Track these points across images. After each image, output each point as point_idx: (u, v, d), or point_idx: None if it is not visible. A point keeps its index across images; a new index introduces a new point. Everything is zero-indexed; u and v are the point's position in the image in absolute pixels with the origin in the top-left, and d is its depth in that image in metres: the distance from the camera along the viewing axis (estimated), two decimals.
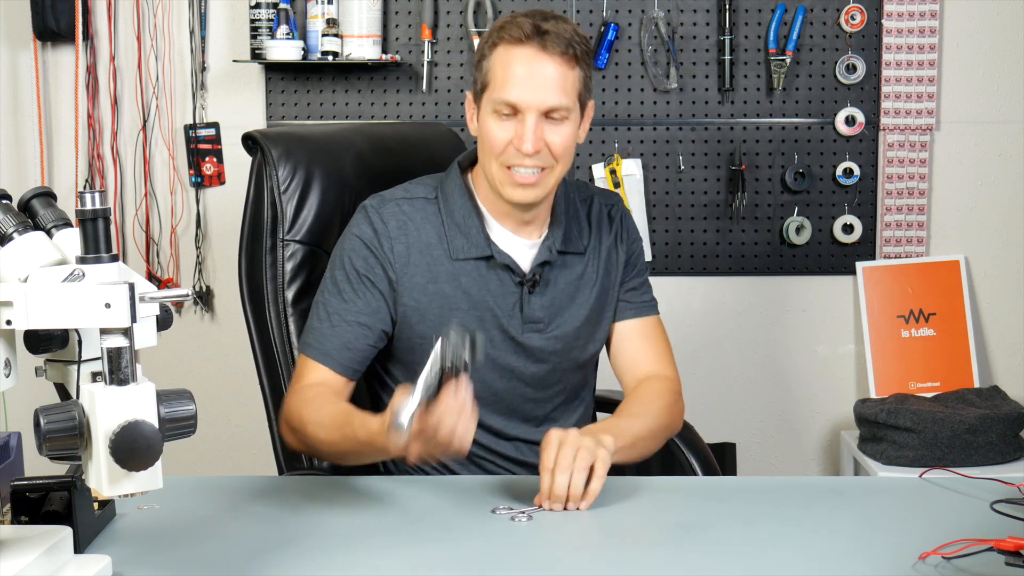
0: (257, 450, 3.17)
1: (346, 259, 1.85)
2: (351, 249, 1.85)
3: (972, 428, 2.77)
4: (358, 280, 1.84)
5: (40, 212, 1.26)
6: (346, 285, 1.84)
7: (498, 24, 1.84)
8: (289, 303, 2.00)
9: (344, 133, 2.32)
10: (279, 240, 2.02)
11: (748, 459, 3.21)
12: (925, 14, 3.06)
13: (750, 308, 3.18)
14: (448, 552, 1.37)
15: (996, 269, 3.16)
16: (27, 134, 3.18)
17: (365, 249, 1.84)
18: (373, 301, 1.84)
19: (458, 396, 1.45)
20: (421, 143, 2.33)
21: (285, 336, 2.00)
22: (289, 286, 2.00)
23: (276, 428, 1.90)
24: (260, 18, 3.02)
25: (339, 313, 1.83)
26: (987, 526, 1.38)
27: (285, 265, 2.01)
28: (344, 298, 1.83)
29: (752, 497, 1.58)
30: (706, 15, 3.07)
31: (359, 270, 1.84)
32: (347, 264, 1.84)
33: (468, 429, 1.46)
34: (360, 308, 1.83)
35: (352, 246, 1.85)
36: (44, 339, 1.23)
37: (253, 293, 2.01)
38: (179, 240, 3.17)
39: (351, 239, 1.86)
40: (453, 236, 1.86)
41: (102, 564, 1.27)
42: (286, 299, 2.00)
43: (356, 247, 1.85)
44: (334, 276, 1.86)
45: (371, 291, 1.84)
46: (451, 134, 2.38)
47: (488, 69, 1.80)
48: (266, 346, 2.00)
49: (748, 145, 3.10)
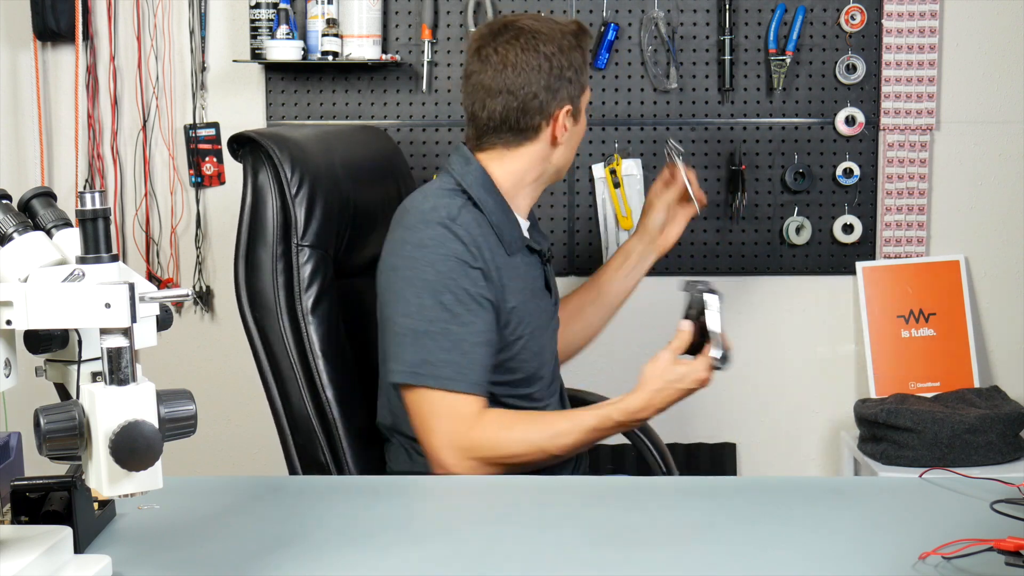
0: (257, 450, 3.17)
1: (450, 282, 1.82)
2: (451, 271, 1.83)
3: (972, 428, 2.77)
4: (470, 300, 1.83)
5: (40, 212, 1.26)
6: (459, 308, 1.82)
7: (569, 29, 1.99)
8: (308, 310, 1.98)
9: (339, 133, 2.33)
10: (293, 245, 1.99)
11: (748, 459, 3.21)
12: (925, 14, 3.05)
13: (750, 308, 3.18)
14: (448, 552, 1.37)
15: (996, 269, 3.16)
16: (27, 134, 3.18)
17: (466, 266, 1.83)
18: (488, 317, 1.85)
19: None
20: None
21: (305, 344, 1.98)
22: (305, 292, 1.99)
23: (438, 467, 1.85)
24: (260, 18, 3.01)
25: (464, 339, 1.82)
26: (987, 526, 1.38)
27: (302, 271, 1.99)
28: (462, 322, 1.82)
29: (752, 497, 1.58)
30: (706, 15, 3.07)
31: (468, 290, 1.82)
32: (453, 287, 1.82)
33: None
34: (480, 328, 1.84)
35: (451, 267, 1.83)
36: (44, 339, 1.23)
37: (258, 300, 1.99)
38: (179, 240, 3.17)
39: (446, 260, 1.83)
40: (502, 232, 1.93)
41: (102, 564, 1.27)
42: (304, 306, 1.98)
43: (455, 267, 1.83)
44: (441, 302, 1.82)
45: (484, 308, 1.85)
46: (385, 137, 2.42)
47: (583, 74, 2.00)
48: (277, 355, 1.98)
49: (748, 145, 3.09)
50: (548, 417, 1.90)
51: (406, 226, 1.91)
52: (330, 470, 1.98)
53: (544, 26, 1.98)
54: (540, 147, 1.99)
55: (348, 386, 2.04)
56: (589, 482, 1.75)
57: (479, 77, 1.98)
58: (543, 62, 1.96)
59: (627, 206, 3.08)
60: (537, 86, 1.96)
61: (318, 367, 1.99)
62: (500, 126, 1.98)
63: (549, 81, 1.96)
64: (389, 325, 1.88)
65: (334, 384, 2.00)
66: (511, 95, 1.96)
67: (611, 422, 1.90)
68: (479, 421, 1.82)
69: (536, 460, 1.88)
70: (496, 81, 1.96)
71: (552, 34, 1.98)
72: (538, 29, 1.97)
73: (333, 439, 1.99)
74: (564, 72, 1.97)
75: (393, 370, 1.86)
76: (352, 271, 2.18)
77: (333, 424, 1.99)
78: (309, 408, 1.98)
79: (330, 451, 1.99)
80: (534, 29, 1.97)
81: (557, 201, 3.11)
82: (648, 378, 1.91)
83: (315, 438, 1.98)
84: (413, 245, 1.86)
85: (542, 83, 1.96)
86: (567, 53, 1.98)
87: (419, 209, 1.91)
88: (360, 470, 2.00)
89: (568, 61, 1.97)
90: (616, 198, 3.08)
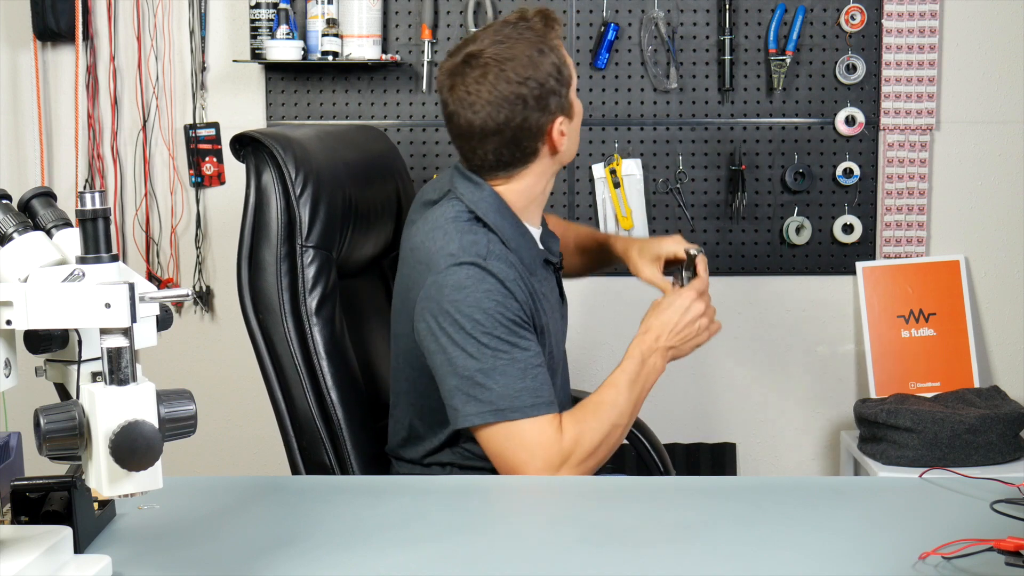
0: (257, 450, 3.17)
1: (499, 316, 1.82)
2: (497, 306, 1.82)
3: (972, 428, 2.77)
4: (520, 328, 1.84)
5: (40, 212, 1.26)
6: (515, 338, 1.82)
7: (535, 32, 1.91)
8: (313, 311, 1.98)
9: (338, 133, 2.33)
10: (298, 246, 1.99)
11: (748, 459, 3.21)
12: (925, 14, 3.05)
13: (750, 308, 3.18)
14: (448, 552, 1.37)
15: (996, 269, 3.16)
16: (27, 134, 3.18)
17: (508, 298, 1.83)
18: (535, 338, 1.87)
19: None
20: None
21: (310, 345, 1.98)
22: (310, 293, 1.98)
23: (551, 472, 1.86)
24: (260, 18, 3.01)
25: (529, 364, 1.82)
26: (987, 526, 1.38)
27: (306, 272, 1.99)
28: (521, 348, 1.83)
29: (752, 497, 1.58)
30: (706, 15, 3.07)
31: (514, 319, 1.83)
32: (503, 320, 1.82)
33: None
34: (536, 350, 1.85)
35: (495, 303, 1.82)
36: (44, 339, 1.23)
37: (262, 301, 1.99)
38: (179, 240, 3.17)
39: (489, 298, 1.82)
40: (522, 255, 1.90)
41: (102, 564, 1.27)
42: (309, 308, 1.98)
43: (500, 302, 1.82)
44: (498, 337, 1.81)
45: (530, 331, 1.86)
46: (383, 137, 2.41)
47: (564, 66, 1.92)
48: (281, 356, 1.98)
49: (748, 145, 3.10)
50: (594, 396, 1.91)
51: (437, 270, 1.84)
52: (334, 472, 1.98)
53: (507, 49, 1.87)
54: (543, 162, 1.95)
55: (353, 387, 2.04)
56: (589, 482, 1.75)
57: (460, 120, 1.89)
58: (520, 89, 1.86)
59: (627, 206, 3.08)
60: (522, 115, 1.87)
61: (323, 369, 1.98)
62: (496, 164, 1.92)
63: (534, 103, 1.87)
64: (448, 371, 1.83)
65: (338, 386, 1.99)
66: (499, 134, 1.88)
67: (636, 363, 1.92)
68: (561, 431, 1.83)
69: (616, 437, 1.89)
70: (480, 122, 1.87)
71: (518, 55, 1.87)
72: (503, 56, 1.86)
73: (337, 441, 1.99)
74: (545, 86, 1.88)
75: (471, 414, 1.81)
76: (353, 271, 2.18)
77: (338, 426, 1.98)
78: (313, 410, 1.98)
79: (335, 453, 1.99)
80: (499, 58, 1.86)
81: (557, 201, 3.11)
82: (648, 315, 1.98)
83: (319, 440, 1.98)
84: (452, 288, 1.82)
85: (527, 110, 1.87)
86: (540, 66, 1.88)
87: (446, 252, 1.85)
88: (364, 471, 2.00)
89: (545, 72, 1.88)
90: (616, 198, 3.08)
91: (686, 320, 1.95)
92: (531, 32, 1.91)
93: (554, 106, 1.90)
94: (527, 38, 1.89)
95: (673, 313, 1.95)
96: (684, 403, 3.20)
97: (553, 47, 1.91)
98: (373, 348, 2.19)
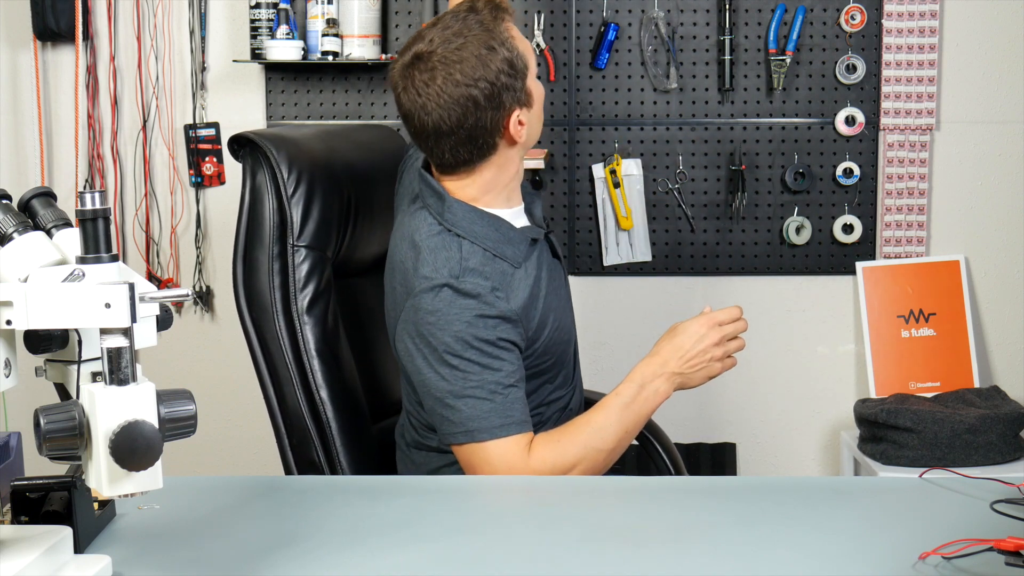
0: (257, 450, 3.17)
1: (471, 338, 1.80)
2: (469, 327, 1.80)
3: (972, 428, 2.77)
4: (493, 348, 1.81)
5: (40, 212, 1.26)
6: (486, 359, 1.81)
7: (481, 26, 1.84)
8: (304, 311, 1.99)
9: (343, 133, 2.33)
10: (289, 246, 1.99)
11: (748, 459, 3.21)
12: (925, 14, 3.06)
13: (750, 308, 3.18)
14: (448, 552, 1.37)
15: (996, 269, 3.16)
16: (27, 134, 3.18)
17: (483, 319, 1.81)
18: (513, 356, 1.84)
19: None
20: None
21: (300, 344, 1.98)
22: (301, 292, 1.99)
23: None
24: (260, 18, 3.02)
25: (499, 383, 1.81)
26: (987, 526, 1.38)
27: (297, 271, 1.99)
28: (493, 368, 1.81)
29: (752, 497, 1.58)
30: (706, 15, 3.07)
31: (489, 340, 1.81)
32: (475, 342, 1.80)
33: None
34: (509, 369, 1.82)
35: (467, 324, 1.80)
36: (44, 339, 1.23)
37: (255, 301, 1.99)
38: (179, 240, 3.17)
39: (459, 323, 1.80)
40: (504, 253, 1.88)
41: (102, 564, 1.27)
42: (300, 307, 1.99)
43: (472, 323, 1.80)
44: (468, 359, 1.80)
45: (508, 350, 1.83)
46: (396, 136, 2.40)
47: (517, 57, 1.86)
48: (274, 355, 1.99)
49: (748, 145, 3.10)
50: (582, 417, 1.89)
51: (414, 293, 1.84)
52: (323, 470, 1.98)
53: (455, 51, 1.82)
54: (504, 153, 1.91)
55: (343, 386, 2.04)
56: (590, 482, 1.75)
57: (415, 120, 1.86)
58: (470, 91, 1.82)
59: (627, 206, 3.08)
60: (475, 116, 1.83)
61: (313, 367, 1.99)
62: (456, 162, 1.89)
63: (486, 103, 1.83)
64: (424, 391, 1.86)
65: (328, 384, 2.00)
66: (453, 135, 1.85)
67: (634, 387, 1.88)
68: (530, 451, 1.83)
69: (594, 461, 1.86)
70: (433, 123, 1.84)
71: (466, 56, 1.82)
72: (451, 59, 1.82)
73: (327, 439, 1.99)
74: (496, 84, 1.83)
75: (448, 433, 1.84)
76: (354, 271, 2.18)
77: (327, 424, 1.99)
78: (303, 408, 1.99)
79: (324, 451, 1.99)
80: (447, 60, 1.82)
81: (557, 201, 3.11)
82: (662, 338, 1.93)
83: (309, 438, 1.99)
84: (426, 312, 1.82)
85: (479, 110, 1.84)
86: (490, 63, 1.83)
87: (421, 274, 1.84)
88: (354, 471, 2.00)
89: (495, 70, 1.83)
90: (616, 198, 3.08)
91: (699, 348, 1.89)
92: (480, 27, 1.84)
93: (509, 101, 1.85)
94: (475, 34, 1.83)
95: (686, 339, 1.90)
96: (684, 403, 3.19)
97: (503, 40, 1.85)
98: (376, 347, 2.19)
